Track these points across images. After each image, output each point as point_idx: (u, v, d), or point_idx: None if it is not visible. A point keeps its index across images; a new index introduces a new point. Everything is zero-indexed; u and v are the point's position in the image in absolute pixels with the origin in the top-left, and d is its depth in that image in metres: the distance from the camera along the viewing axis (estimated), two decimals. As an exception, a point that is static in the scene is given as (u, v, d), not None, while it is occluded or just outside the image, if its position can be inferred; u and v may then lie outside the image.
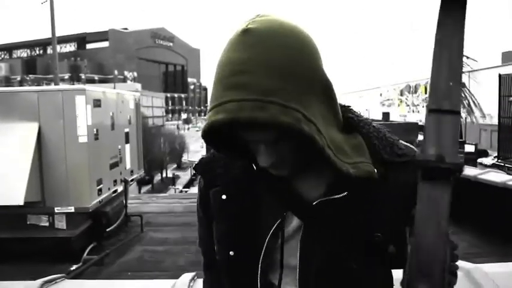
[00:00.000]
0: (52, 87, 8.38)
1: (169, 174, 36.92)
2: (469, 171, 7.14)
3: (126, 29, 55.54)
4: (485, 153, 20.10)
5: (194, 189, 23.37)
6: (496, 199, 6.24)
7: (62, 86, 9.73)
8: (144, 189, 29.11)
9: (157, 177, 35.06)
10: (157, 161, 33.13)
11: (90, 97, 6.21)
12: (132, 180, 8.29)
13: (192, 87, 60.59)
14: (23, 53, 60.26)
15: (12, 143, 5.82)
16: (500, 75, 12.17)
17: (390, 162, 0.94)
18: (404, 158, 0.94)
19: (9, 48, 61.53)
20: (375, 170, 0.91)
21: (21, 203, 5.54)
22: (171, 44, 59.68)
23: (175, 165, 40.64)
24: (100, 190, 6.53)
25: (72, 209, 6.06)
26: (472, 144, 14.13)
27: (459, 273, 2.21)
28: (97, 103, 6.44)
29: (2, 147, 5.78)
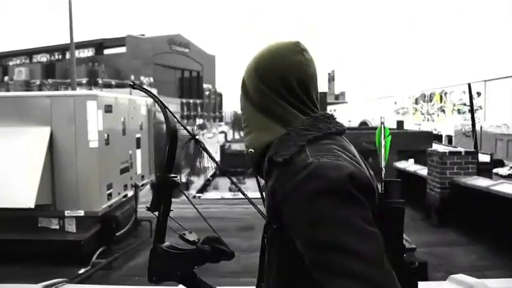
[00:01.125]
0: (64, 92, 8.51)
1: (183, 179, 36.91)
2: (481, 182, 7.04)
3: (143, 35, 56.00)
4: (501, 163, 19.79)
5: (208, 195, 23.38)
6: (508, 211, 6.14)
7: (74, 91, 9.81)
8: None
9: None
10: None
11: (102, 103, 6.28)
12: (142, 185, 8.35)
13: (207, 93, 60.83)
14: (43, 58, 61.21)
15: (25, 147, 5.92)
16: (516, 85, 12.03)
17: (272, 160, 1.09)
18: (282, 159, 1.06)
19: (29, 53, 62.57)
20: (257, 153, 1.18)
21: (32, 206, 5.62)
22: (187, 50, 60.04)
23: (189, 170, 40.63)
24: (110, 195, 6.59)
25: (82, 213, 6.13)
26: (487, 154, 13.89)
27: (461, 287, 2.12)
28: (108, 108, 6.51)
29: (14, 150, 5.89)
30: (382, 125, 1.17)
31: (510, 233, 5.91)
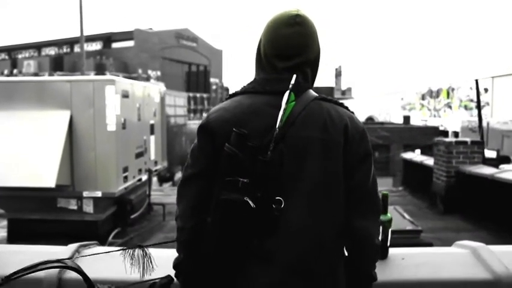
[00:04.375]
0: (84, 77, 8.70)
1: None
2: (486, 170, 7.18)
3: (151, 29, 56.08)
4: (507, 160, 19.81)
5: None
6: (512, 198, 6.29)
7: (93, 76, 9.97)
8: (165, 185, 29.49)
9: (178, 175, 35.45)
10: (179, 159, 33.45)
11: (119, 88, 6.48)
12: (156, 171, 8.56)
13: (214, 87, 60.84)
14: (51, 51, 61.43)
15: (46, 129, 6.13)
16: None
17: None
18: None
19: (38, 46, 62.80)
20: None
21: (53, 185, 5.84)
22: (194, 44, 59.98)
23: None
24: (126, 177, 6.81)
25: (99, 194, 6.35)
26: (493, 150, 13.97)
27: (465, 250, 2.22)
28: (125, 94, 6.72)
29: (36, 133, 6.11)
30: (289, 92, 1.34)
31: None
